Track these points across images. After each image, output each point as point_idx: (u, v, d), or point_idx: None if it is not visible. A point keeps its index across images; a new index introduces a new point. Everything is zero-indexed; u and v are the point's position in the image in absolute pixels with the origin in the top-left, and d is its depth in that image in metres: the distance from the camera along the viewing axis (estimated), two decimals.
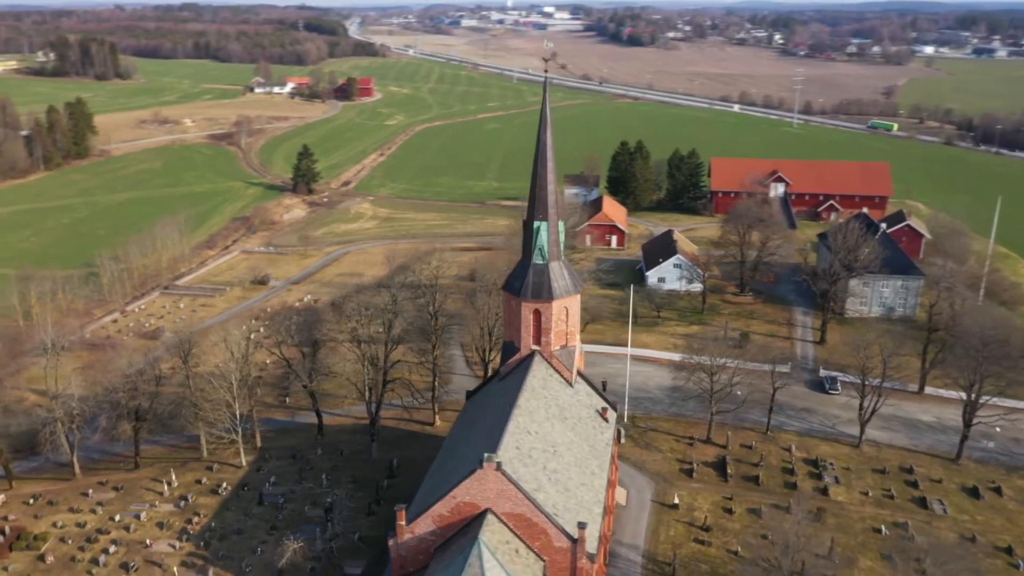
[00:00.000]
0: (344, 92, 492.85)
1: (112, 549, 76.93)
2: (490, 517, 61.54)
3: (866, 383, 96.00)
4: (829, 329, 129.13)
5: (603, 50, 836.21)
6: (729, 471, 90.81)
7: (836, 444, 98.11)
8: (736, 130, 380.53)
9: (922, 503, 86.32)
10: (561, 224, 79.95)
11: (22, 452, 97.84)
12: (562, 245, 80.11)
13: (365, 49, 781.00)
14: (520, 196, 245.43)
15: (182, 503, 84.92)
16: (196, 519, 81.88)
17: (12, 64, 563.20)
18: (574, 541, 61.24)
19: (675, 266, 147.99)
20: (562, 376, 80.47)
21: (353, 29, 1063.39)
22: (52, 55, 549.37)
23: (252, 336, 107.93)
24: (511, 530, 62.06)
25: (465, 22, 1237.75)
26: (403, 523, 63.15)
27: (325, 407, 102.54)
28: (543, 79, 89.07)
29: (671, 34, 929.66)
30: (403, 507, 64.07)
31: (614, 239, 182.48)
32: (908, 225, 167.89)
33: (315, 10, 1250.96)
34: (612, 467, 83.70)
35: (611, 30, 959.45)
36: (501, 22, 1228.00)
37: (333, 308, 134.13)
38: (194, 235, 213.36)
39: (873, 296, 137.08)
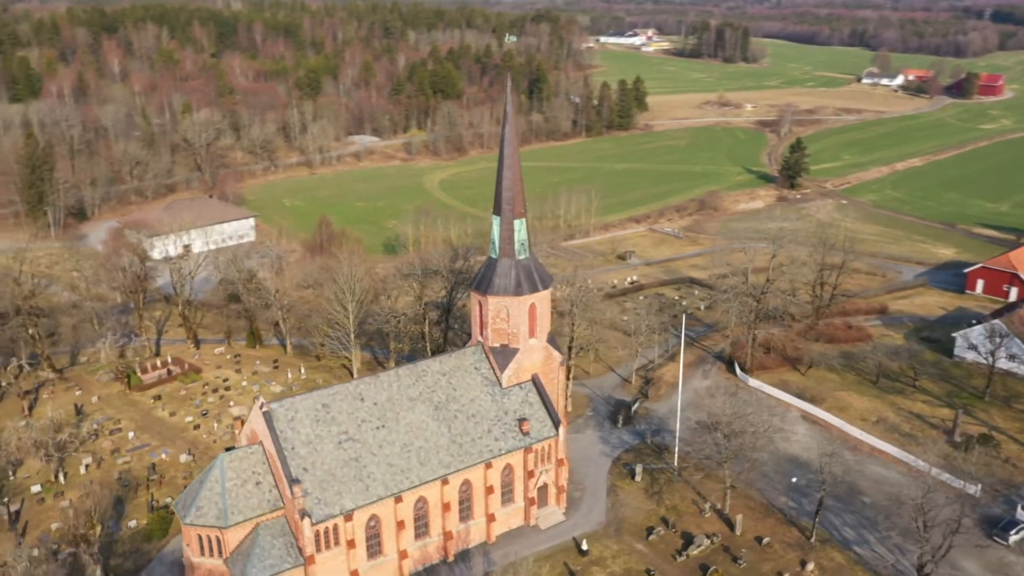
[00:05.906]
0: (961, 89, 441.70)
1: (211, 399, 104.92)
2: (257, 447, 70.82)
3: None
4: None
5: None
6: (691, 551, 76.62)
7: None
8: None
9: None
10: (519, 222, 78.61)
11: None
12: (520, 243, 78.70)
13: None
14: (1005, 226, 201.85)
15: (286, 389, 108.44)
16: None
17: (664, 45, 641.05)
18: (292, 495, 66.78)
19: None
20: (496, 374, 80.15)
21: None
22: (693, 38, 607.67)
23: None
24: (271, 467, 70.19)
25: None
26: (237, 433, 76.16)
27: None
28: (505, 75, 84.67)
29: None
30: (240, 419, 76.91)
31: (1014, 291, 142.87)
32: None
33: None
34: (519, 482, 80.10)
35: None
36: None
37: None
38: (635, 208, 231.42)
39: None
